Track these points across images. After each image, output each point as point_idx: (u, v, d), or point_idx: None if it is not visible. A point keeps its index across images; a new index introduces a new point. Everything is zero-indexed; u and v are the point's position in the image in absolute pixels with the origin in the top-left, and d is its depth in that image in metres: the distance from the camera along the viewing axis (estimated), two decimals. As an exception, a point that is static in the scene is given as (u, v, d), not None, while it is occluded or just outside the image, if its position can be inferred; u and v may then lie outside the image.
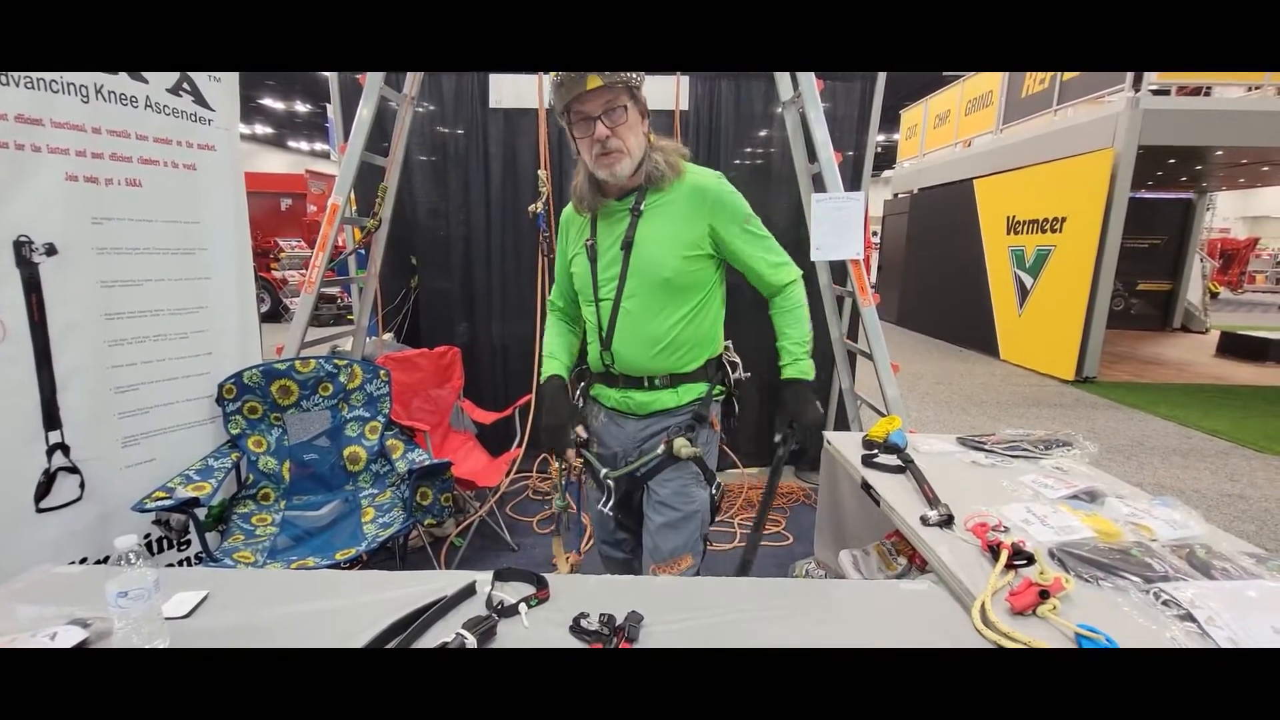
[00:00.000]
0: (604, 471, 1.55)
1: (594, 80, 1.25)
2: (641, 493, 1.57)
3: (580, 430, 1.54)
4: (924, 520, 1.41)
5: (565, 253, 1.58)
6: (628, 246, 1.41)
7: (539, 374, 1.63)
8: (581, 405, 1.65)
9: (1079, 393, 6.50)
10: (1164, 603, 1.09)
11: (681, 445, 1.45)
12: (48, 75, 1.65)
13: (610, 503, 1.52)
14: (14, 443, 1.68)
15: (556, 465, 1.61)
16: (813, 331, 1.50)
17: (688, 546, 1.52)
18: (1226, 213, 22.38)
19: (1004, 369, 7.82)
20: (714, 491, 1.57)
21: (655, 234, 1.40)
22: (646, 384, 1.49)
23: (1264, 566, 1.22)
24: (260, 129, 23.10)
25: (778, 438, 1.43)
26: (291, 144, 26.21)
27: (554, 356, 1.60)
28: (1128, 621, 1.05)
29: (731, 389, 1.58)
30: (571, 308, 1.65)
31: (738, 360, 1.59)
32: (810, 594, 1.22)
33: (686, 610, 1.11)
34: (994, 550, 1.23)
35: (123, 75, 1.81)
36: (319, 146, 25.80)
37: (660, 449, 1.49)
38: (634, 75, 1.31)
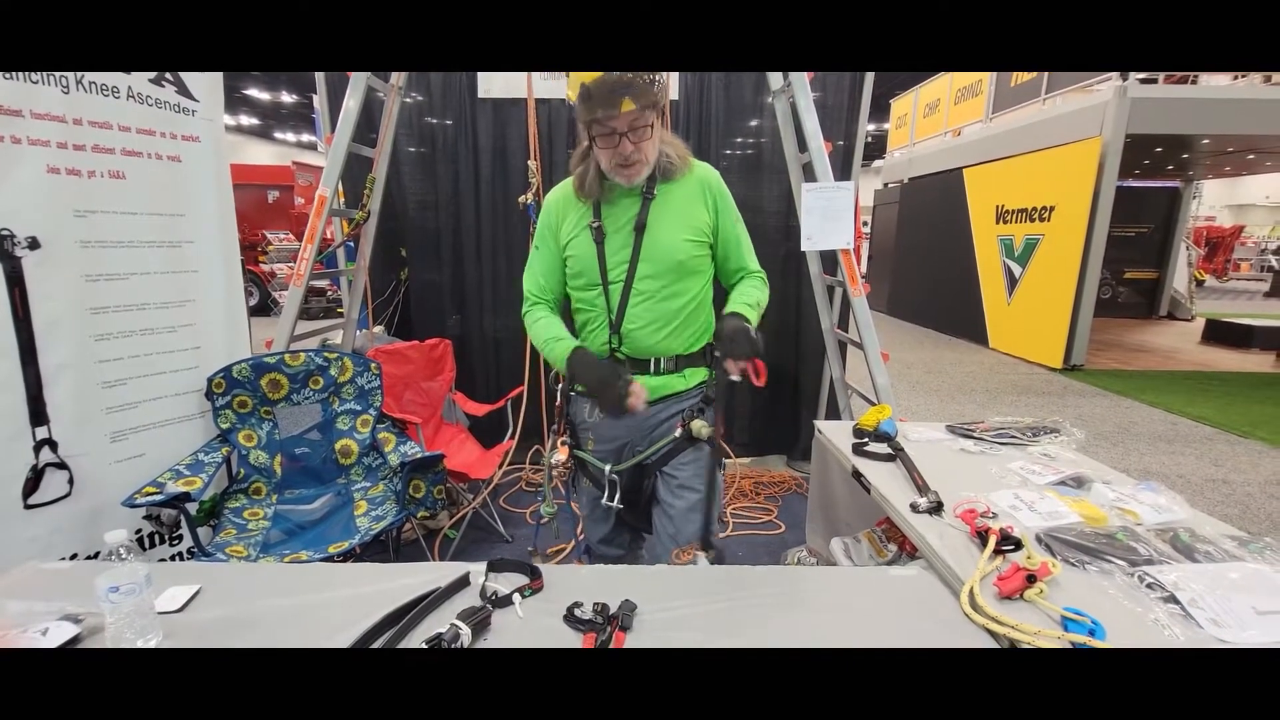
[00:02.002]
0: (608, 467, 1.53)
1: (628, 105, 1.28)
2: (651, 481, 1.57)
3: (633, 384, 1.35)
4: (914, 507, 1.43)
5: (557, 237, 1.51)
6: (640, 229, 1.41)
7: (544, 364, 1.60)
8: (569, 403, 1.62)
9: (1067, 380, 6.57)
10: (1148, 585, 1.11)
11: (700, 426, 1.47)
12: (27, 65, 1.62)
13: (615, 497, 1.52)
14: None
15: (550, 459, 1.58)
16: (763, 308, 1.48)
17: (709, 527, 1.53)
18: (1212, 201, 22.55)
19: (993, 357, 7.88)
20: (723, 471, 1.59)
21: (667, 218, 1.43)
22: (653, 368, 1.49)
23: (1245, 549, 1.24)
24: (246, 120, 22.79)
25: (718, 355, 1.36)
26: (278, 135, 25.88)
27: (562, 337, 1.47)
28: (1113, 604, 1.06)
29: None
30: (554, 299, 1.56)
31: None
32: (802, 582, 1.23)
33: (680, 598, 1.12)
34: (982, 536, 1.25)
35: (104, 65, 1.78)
36: (305, 138, 25.51)
37: (677, 432, 1.51)
38: (659, 89, 1.35)
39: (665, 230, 1.42)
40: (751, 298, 1.47)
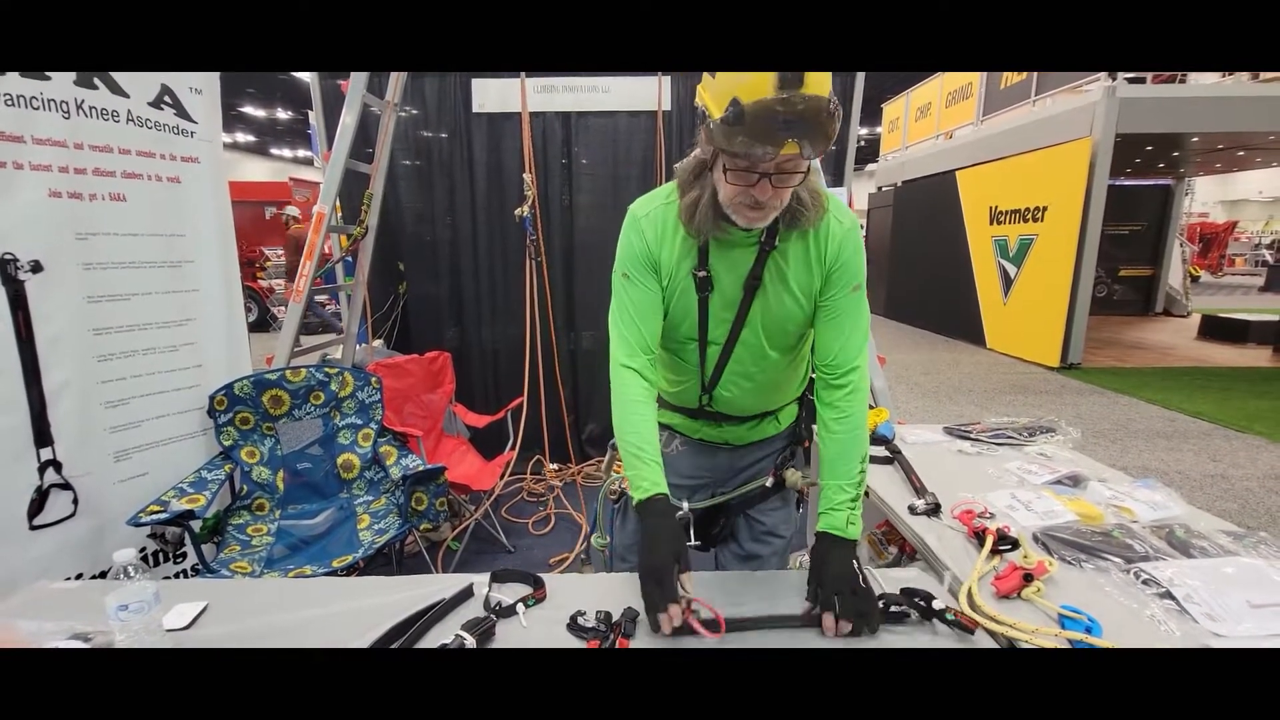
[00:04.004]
0: (685, 504, 1.27)
1: (791, 148, 0.91)
2: (730, 521, 1.44)
3: (685, 579, 1.03)
4: (912, 509, 1.44)
5: (656, 269, 1.17)
6: (752, 289, 1.16)
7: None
8: None
9: (1064, 379, 6.59)
10: (1144, 582, 1.12)
11: (797, 478, 1.35)
12: (27, 92, 1.64)
13: (691, 537, 1.27)
14: (3, 460, 1.67)
15: (607, 485, 1.39)
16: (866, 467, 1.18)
17: (785, 566, 1.52)
18: (1205, 197, 22.70)
19: (990, 357, 7.91)
20: (802, 509, 1.51)
21: (785, 278, 1.16)
22: (749, 418, 1.34)
23: (1240, 544, 1.26)
24: (242, 137, 22.90)
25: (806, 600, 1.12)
26: (274, 151, 26.01)
27: (646, 457, 1.12)
28: (1109, 601, 1.08)
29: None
30: (653, 351, 1.20)
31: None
32: (803, 586, 1.24)
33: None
34: (980, 536, 1.26)
35: (103, 90, 1.80)
36: (302, 153, 25.62)
37: (768, 481, 1.36)
38: (836, 118, 0.94)
39: (781, 293, 1.17)
40: (851, 476, 1.14)
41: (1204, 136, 7.59)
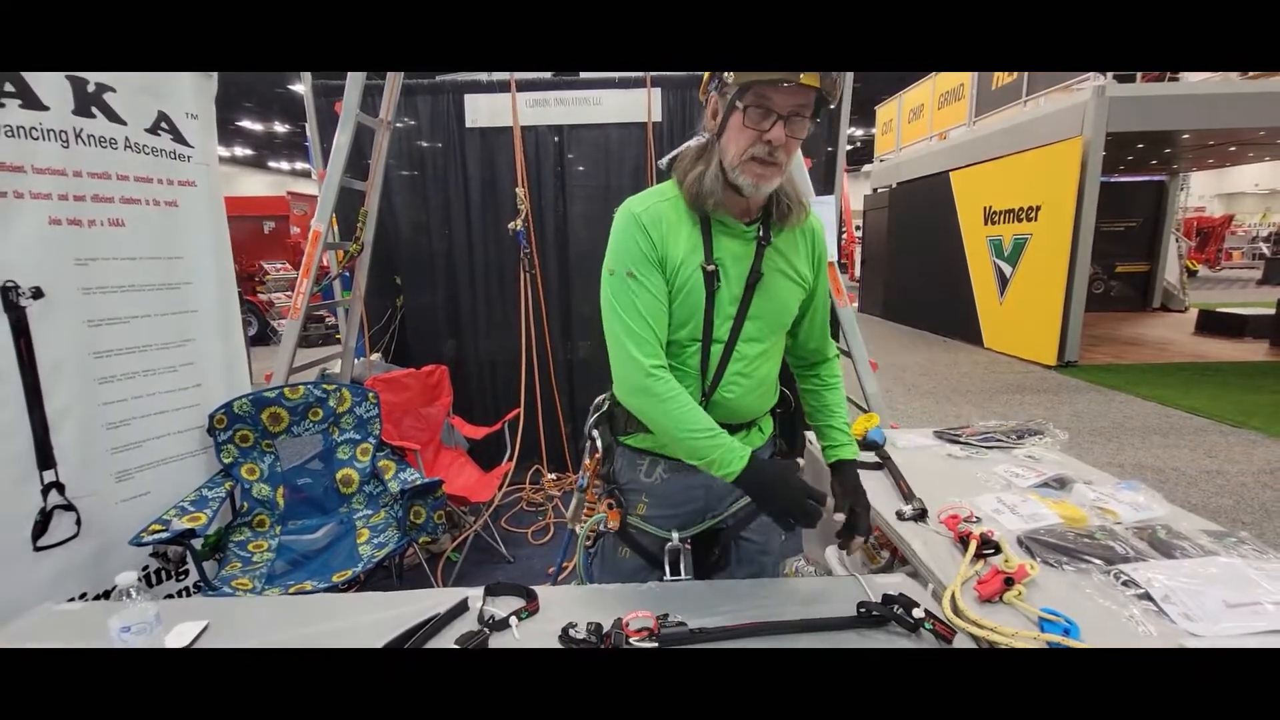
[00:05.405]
0: (675, 535, 1.31)
1: (811, 79, 1.00)
2: (723, 546, 1.40)
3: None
4: (899, 515, 1.47)
5: (663, 263, 1.17)
6: (753, 283, 1.19)
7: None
8: (613, 459, 1.36)
9: (1062, 377, 6.61)
10: (1124, 583, 1.15)
11: None
12: (27, 123, 1.68)
13: (687, 568, 1.29)
14: (7, 483, 1.70)
15: (584, 530, 1.38)
16: None
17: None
18: (1202, 191, 22.70)
19: (988, 357, 7.93)
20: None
21: (780, 271, 1.23)
22: (739, 427, 1.30)
23: (1221, 544, 1.28)
24: (240, 151, 23.01)
25: (838, 515, 1.24)
26: (272, 164, 26.13)
27: (720, 434, 1.13)
28: (1089, 603, 1.10)
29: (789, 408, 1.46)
30: (665, 351, 1.20)
31: None
32: (790, 593, 1.26)
33: (674, 615, 1.15)
34: (965, 541, 1.29)
35: (101, 118, 1.84)
36: (300, 165, 25.73)
37: None
38: (840, 82, 1.08)
39: (779, 286, 1.23)
40: (845, 418, 1.36)
41: (1195, 133, 7.63)
